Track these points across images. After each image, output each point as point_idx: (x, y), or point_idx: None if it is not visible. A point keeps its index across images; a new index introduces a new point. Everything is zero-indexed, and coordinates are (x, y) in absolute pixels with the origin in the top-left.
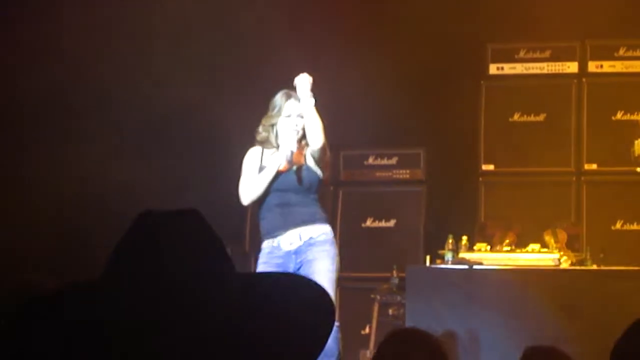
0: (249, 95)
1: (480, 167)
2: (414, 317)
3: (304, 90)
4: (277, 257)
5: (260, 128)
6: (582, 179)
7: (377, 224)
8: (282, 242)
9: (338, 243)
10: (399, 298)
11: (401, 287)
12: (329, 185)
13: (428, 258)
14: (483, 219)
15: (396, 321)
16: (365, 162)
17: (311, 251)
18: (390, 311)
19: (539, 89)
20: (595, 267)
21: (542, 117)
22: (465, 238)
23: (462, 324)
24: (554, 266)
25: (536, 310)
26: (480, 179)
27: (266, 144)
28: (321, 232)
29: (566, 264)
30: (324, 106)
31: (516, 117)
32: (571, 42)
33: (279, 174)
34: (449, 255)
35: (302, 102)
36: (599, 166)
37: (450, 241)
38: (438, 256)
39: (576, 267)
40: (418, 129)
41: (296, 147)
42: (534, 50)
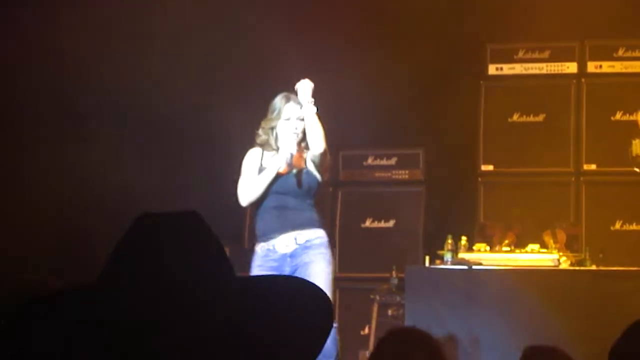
0: (249, 95)
1: (479, 168)
2: (414, 318)
3: (306, 96)
4: (272, 260)
5: (260, 131)
6: (582, 179)
7: (377, 225)
8: (278, 245)
9: (337, 243)
10: (399, 298)
11: (400, 288)
12: (328, 185)
13: (427, 258)
14: (482, 220)
15: (395, 321)
16: (364, 163)
17: (307, 254)
18: (389, 311)
19: (538, 89)
20: (594, 268)
21: (542, 118)
22: (464, 238)
23: (462, 324)
24: (553, 266)
25: (535, 310)
26: (479, 179)
27: (266, 147)
28: (317, 236)
29: (565, 265)
30: (323, 106)
31: (515, 118)
32: (570, 43)
33: (279, 177)
34: (449, 255)
35: (304, 109)
36: (598, 166)
37: (449, 241)
38: (437, 256)
39: (575, 268)
40: (417, 130)
41: (296, 150)
42: (533, 50)
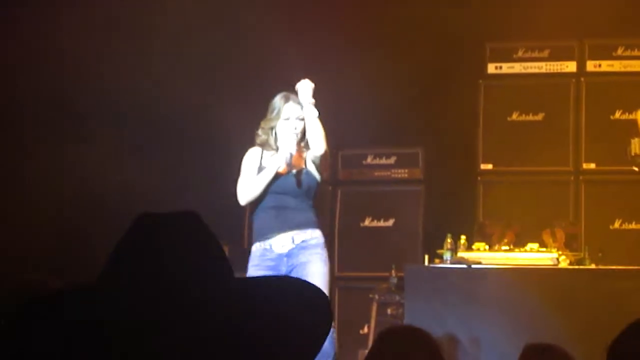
0: (249, 95)
1: (478, 167)
2: (413, 317)
3: (306, 96)
4: (269, 260)
5: (259, 131)
6: (581, 178)
7: (376, 224)
8: (275, 245)
9: (336, 242)
10: (398, 297)
11: (400, 287)
12: (328, 184)
13: (427, 257)
14: (481, 218)
15: (395, 320)
16: (363, 162)
17: (304, 254)
18: (389, 311)
19: (538, 88)
20: (593, 267)
21: (541, 117)
22: (463, 237)
23: (461, 323)
24: (553, 265)
25: (534, 309)
26: (478, 178)
27: (266, 147)
28: (313, 236)
29: (565, 264)
30: (323, 106)
31: (515, 117)
32: (569, 42)
33: (278, 176)
34: (448, 254)
35: (305, 110)
36: (598, 165)
37: (448, 240)
38: (437, 255)
39: (575, 267)
40: (416, 129)
41: (295, 150)
42: (533, 49)
